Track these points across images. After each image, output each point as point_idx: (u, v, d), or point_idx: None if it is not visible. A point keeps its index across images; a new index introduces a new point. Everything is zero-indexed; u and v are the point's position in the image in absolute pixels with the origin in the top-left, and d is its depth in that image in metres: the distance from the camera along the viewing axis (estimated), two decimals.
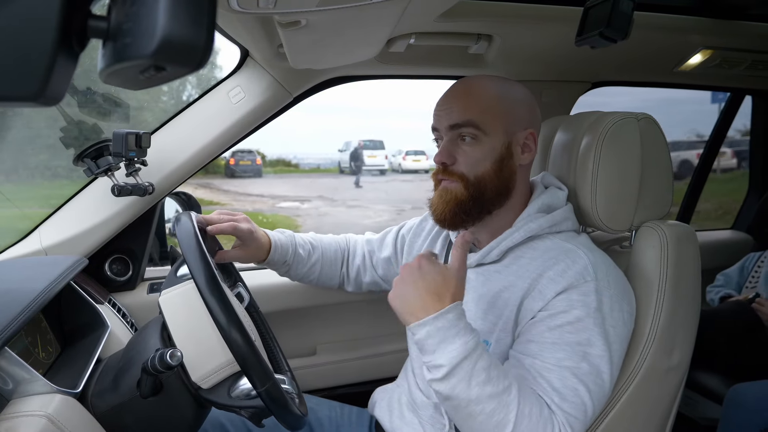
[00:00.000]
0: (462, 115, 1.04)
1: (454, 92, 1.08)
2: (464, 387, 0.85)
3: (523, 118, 1.07)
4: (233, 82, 1.48)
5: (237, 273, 1.29)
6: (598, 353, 0.92)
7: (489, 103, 1.05)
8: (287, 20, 0.94)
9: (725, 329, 1.85)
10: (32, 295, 0.93)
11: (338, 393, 1.69)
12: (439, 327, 0.86)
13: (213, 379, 0.96)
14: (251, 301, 1.23)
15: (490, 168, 1.05)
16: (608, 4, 1.04)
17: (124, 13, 0.34)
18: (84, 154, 1.29)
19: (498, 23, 1.36)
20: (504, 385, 0.86)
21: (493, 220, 1.08)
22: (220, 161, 19.48)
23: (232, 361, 0.92)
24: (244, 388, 0.94)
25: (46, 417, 0.85)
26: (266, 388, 0.85)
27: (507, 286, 1.02)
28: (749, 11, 1.56)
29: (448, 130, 1.06)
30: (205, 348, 0.96)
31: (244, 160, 18.56)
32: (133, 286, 1.54)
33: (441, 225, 1.11)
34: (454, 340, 0.86)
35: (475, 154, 1.04)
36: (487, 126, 1.03)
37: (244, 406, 0.92)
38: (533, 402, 0.88)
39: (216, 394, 0.95)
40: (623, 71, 1.79)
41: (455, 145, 1.06)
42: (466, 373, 0.85)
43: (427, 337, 0.87)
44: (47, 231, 1.39)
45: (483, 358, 0.87)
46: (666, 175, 1.15)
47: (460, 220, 1.07)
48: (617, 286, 0.99)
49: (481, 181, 1.04)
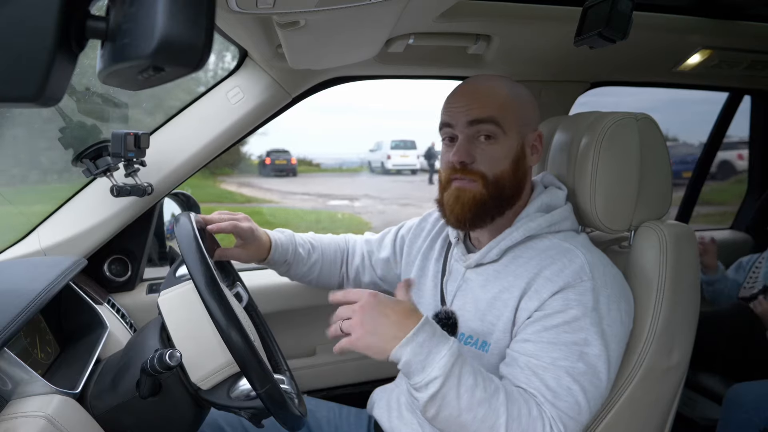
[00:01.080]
0: (482, 111, 1.03)
1: (472, 89, 1.07)
2: (454, 396, 0.85)
3: (532, 119, 1.09)
4: (232, 82, 1.48)
5: (235, 272, 1.28)
6: (595, 353, 0.92)
7: (506, 101, 1.04)
8: (286, 20, 0.94)
9: (724, 329, 1.85)
10: (31, 296, 0.93)
11: (337, 393, 1.69)
12: (422, 341, 0.86)
13: (213, 379, 0.96)
14: (250, 301, 1.23)
15: (508, 167, 1.04)
16: (607, 4, 1.04)
17: (123, 14, 0.34)
18: (83, 155, 1.29)
19: (497, 23, 1.36)
20: (491, 389, 0.86)
21: (497, 219, 1.08)
22: (254, 160, 19.62)
23: (232, 362, 0.92)
24: (243, 389, 0.94)
25: (45, 417, 0.85)
26: (266, 389, 0.85)
27: (506, 287, 1.02)
28: (748, 11, 1.56)
29: (466, 126, 1.04)
30: (205, 349, 0.96)
31: (280, 160, 18.76)
32: (132, 287, 1.54)
33: (460, 227, 1.10)
34: (440, 349, 0.85)
35: (495, 152, 1.03)
36: (505, 124, 1.03)
37: (244, 407, 0.92)
38: (521, 403, 0.88)
39: (215, 395, 0.95)
40: (622, 71, 1.80)
41: (473, 144, 1.04)
42: (456, 379, 0.85)
43: (414, 355, 0.85)
44: (46, 232, 1.39)
45: (467, 363, 0.87)
46: (665, 175, 1.15)
47: (480, 220, 1.06)
48: (614, 286, 0.99)
49: (500, 180, 1.04)
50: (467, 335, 1.06)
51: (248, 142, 18.29)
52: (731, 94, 2.37)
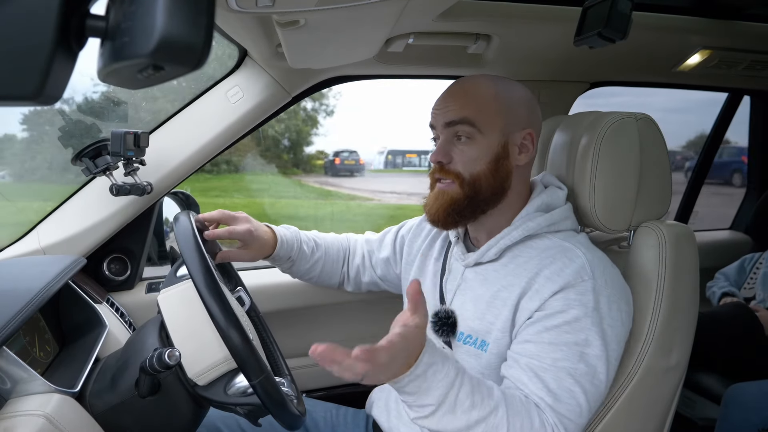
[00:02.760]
0: (458, 112, 1.04)
1: (452, 91, 1.09)
2: (450, 419, 0.84)
3: (520, 118, 1.07)
4: (232, 81, 1.48)
5: (238, 277, 1.28)
6: (596, 353, 0.92)
7: (485, 101, 1.05)
8: (286, 20, 0.94)
9: (724, 329, 1.85)
10: (30, 295, 0.93)
11: (336, 393, 1.69)
12: (418, 373, 0.83)
13: (209, 375, 0.96)
14: (252, 305, 1.23)
15: (485, 167, 1.04)
16: (607, 4, 1.04)
17: (123, 13, 0.34)
18: (82, 154, 1.29)
19: (497, 23, 1.36)
20: (490, 407, 0.86)
21: (490, 219, 1.08)
22: (317, 161, 19.63)
23: (229, 358, 0.92)
24: (240, 386, 0.94)
25: (44, 416, 0.85)
26: (260, 380, 0.84)
27: (505, 285, 1.02)
28: (748, 11, 1.56)
29: (444, 127, 1.06)
30: (202, 344, 0.96)
31: (349, 160, 19.00)
32: (132, 286, 1.54)
33: (434, 225, 1.11)
34: (435, 377, 0.84)
35: (471, 153, 1.04)
36: (482, 124, 1.03)
37: (240, 403, 0.92)
38: (523, 415, 0.87)
39: (212, 391, 0.95)
40: (622, 71, 1.80)
41: (451, 144, 1.06)
42: (450, 405, 0.84)
43: (407, 384, 0.83)
44: (45, 230, 1.39)
45: (464, 385, 0.86)
46: (664, 175, 1.15)
47: (453, 220, 1.07)
48: (615, 286, 0.99)
49: (477, 180, 1.04)
50: (466, 334, 1.06)
51: (314, 143, 18.30)
52: (730, 94, 2.37)
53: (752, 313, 1.87)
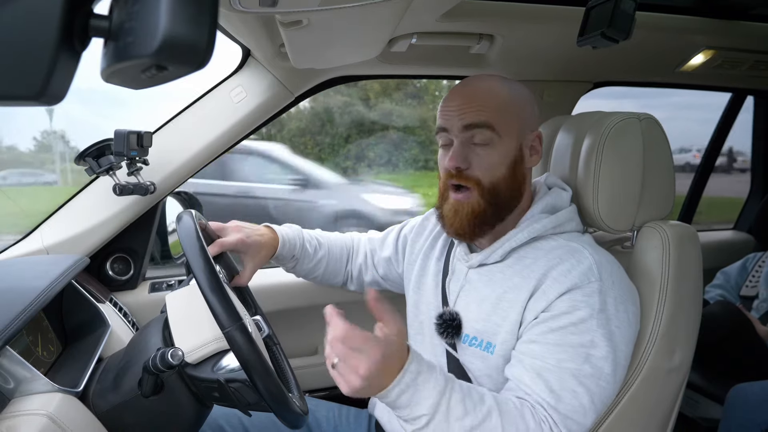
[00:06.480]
0: (477, 115, 1.01)
1: (467, 91, 1.05)
2: (444, 428, 0.84)
3: (531, 120, 1.06)
4: (235, 81, 1.48)
5: (256, 303, 1.26)
6: (602, 355, 0.91)
7: (503, 104, 1.02)
8: (289, 20, 0.94)
9: (726, 330, 1.85)
10: (33, 294, 0.93)
11: (338, 393, 1.68)
12: (408, 381, 0.82)
13: (198, 353, 0.95)
14: (270, 334, 1.18)
15: (505, 172, 1.02)
16: (610, 4, 1.04)
17: (126, 12, 0.34)
18: (86, 154, 1.29)
19: (500, 23, 1.35)
20: (483, 413, 0.85)
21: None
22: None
23: (219, 337, 0.92)
24: (229, 367, 0.93)
25: (47, 416, 0.85)
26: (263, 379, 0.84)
27: (511, 287, 1.01)
28: (752, 11, 1.56)
29: (461, 131, 1.02)
30: (194, 324, 0.96)
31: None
32: (135, 286, 1.55)
33: (460, 239, 1.10)
34: (426, 386, 0.83)
35: (491, 158, 1.01)
36: (502, 128, 1.01)
37: (228, 379, 0.91)
38: (518, 419, 0.86)
39: (199, 369, 0.94)
40: (625, 71, 1.79)
41: (469, 149, 1.02)
42: (443, 413, 0.83)
43: (398, 396, 0.83)
44: (49, 230, 1.39)
45: (455, 392, 0.85)
46: (668, 175, 1.14)
47: (480, 231, 1.05)
48: (622, 287, 0.98)
49: (496, 186, 1.02)
50: (472, 336, 1.05)
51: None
52: (734, 94, 2.37)
53: (740, 312, 1.86)
